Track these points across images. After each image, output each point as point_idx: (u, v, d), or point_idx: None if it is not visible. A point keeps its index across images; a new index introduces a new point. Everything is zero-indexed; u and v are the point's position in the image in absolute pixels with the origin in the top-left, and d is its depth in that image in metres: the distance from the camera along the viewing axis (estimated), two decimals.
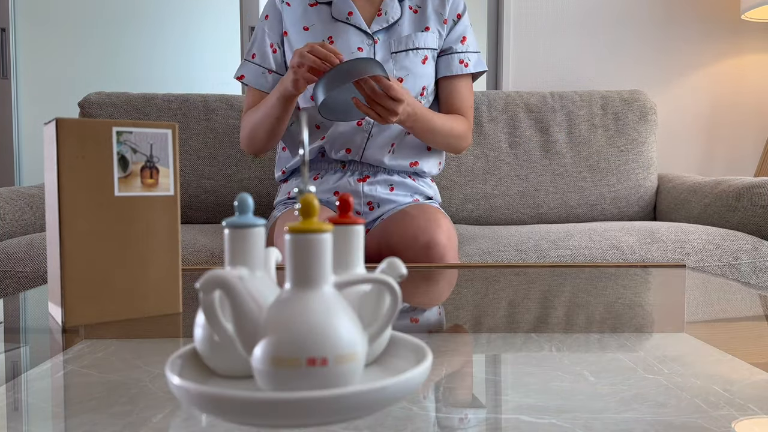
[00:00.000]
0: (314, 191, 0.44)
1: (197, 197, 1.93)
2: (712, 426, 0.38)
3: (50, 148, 0.64)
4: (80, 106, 1.96)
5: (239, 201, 0.43)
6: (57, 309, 0.66)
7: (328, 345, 0.35)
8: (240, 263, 0.42)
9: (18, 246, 1.39)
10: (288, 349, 0.35)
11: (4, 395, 0.44)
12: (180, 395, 0.35)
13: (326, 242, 0.37)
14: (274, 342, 0.35)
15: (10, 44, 2.48)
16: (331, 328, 0.36)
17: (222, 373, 0.43)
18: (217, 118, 1.96)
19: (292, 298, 0.37)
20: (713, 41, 2.36)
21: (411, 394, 0.39)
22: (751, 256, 1.46)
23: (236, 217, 0.43)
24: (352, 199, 0.46)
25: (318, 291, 0.37)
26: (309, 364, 0.35)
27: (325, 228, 0.37)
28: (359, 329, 0.38)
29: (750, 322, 0.67)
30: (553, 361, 0.51)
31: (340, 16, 1.36)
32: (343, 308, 0.37)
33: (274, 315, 0.36)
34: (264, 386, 0.36)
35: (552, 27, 2.34)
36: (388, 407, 0.38)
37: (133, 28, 2.60)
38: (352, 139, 1.36)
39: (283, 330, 0.36)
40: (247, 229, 0.42)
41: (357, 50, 1.34)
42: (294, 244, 0.37)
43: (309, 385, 0.35)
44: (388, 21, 1.36)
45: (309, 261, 0.37)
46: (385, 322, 0.40)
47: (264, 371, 0.36)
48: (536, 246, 1.44)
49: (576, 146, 2.00)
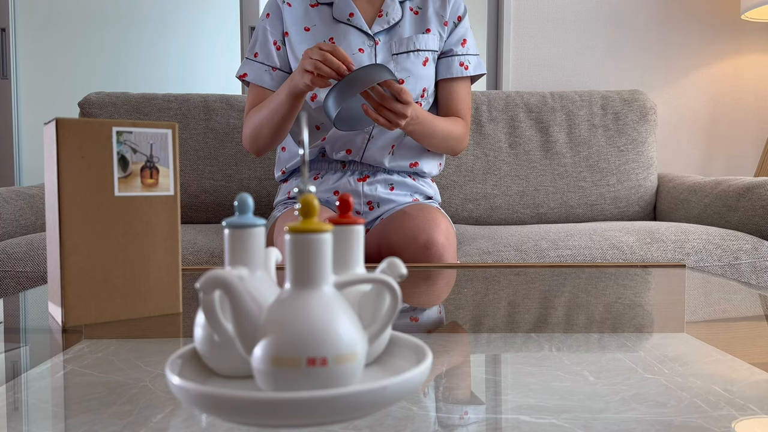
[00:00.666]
0: (314, 191, 0.44)
1: (197, 197, 1.93)
2: (712, 426, 0.38)
3: (50, 148, 0.64)
4: (80, 106, 1.96)
5: (239, 201, 0.43)
6: (57, 309, 0.66)
7: (328, 345, 0.35)
8: (240, 263, 0.42)
9: (18, 246, 1.39)
10: (288, 349, 0.35)
11: (4, 395, 0.44)
12: (180, 395, 0.35)
13: (326, 242, 0.37)
14: (273, 342, 0.35)
15: (10, 44, 2.48)
16: (330, 328, 0.36)
17: (222, 373, 0.43)
18: (217, 118, 1.96)
19: (292, 297, 0.37)
20: (713, 41, 2.36)
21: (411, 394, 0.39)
22: (751, 256, 1.46)
23: (236, 217, 0.43)
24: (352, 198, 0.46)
25: (318, 291, 0.37)
26: (309, 364, 0.35)
27: (325, 228, 0.37)
28: (359, 329, 0.38)
29: (750, 322, 0.67)
30: (553, 361, 0.51)
31: (341, 17, 1.36)
32: (343, 308, 0.37)
33: (273, 315, 0.36)
34: (264, 386, 0.36)
35: (552, 27, 2.34)
36: (388, 407, 0.38)
37: (133, 28, 2.60)
38: (353, 141, 1.36)
39: (282, 330, 0.36)
40: (247, 229, 0.42)
41: (358, 51, 1.33)
42: (294, 244, 0.37)
43: (309, 385, 0.35)
44: (389, 22, 1.36)
45: (309, 261, 0.37)
46: (385, 322, 0.40)
47: (264, 371, 0.36)
48: (536, 246, 1.44)
49: (576, 146, 2.00)
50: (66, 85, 2.56)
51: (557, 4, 2.34)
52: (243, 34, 2.42)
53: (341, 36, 1.35)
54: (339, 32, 1.35)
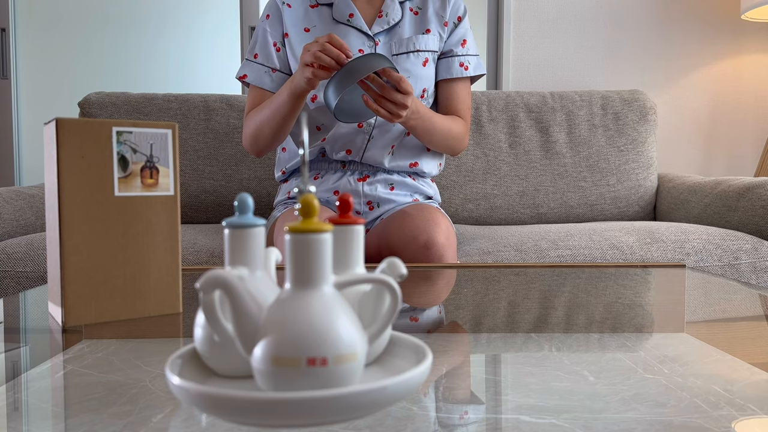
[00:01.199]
0: (314, 191, 0.44)
1: (197, 197, 1.93)
2: (712, 426, 0.38)
3: (50, 148, 0.64)
4: (80, 106, 1.96)
5: (239, 201, 0.43)
6: (57, 309, 0.66)
7: (328, 345, 0.35)
8: (240, 263, 0.42)
9: (18, 246, 1.39)
10: (288, 349, 0.35)
11: (4, 395, 0.44)
12: (180, 395, 0.35)
13: (326, 242, 0.37)
14: (273, 342, 0.35)
15: (10, 44, 2.48)
16: (330, 328, 0.36)
17: (222, 373, 0.43)
18: (217, 118, 1.96)
19: (292, 297, 0.37)
20: (713, 41, 2.36)
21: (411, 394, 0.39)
22: (751, 256, 1.46)
23: (236, 217, 0.43)
24: (352, 198, 0.45)
25: (318, 291, 0.37)
26: (309, 364, 0.35)
27: (325, 228, 0.37)
28: (359, 329, 0.38)
29: (750, 322, 0.67)
30: (553, 361, 0.51)
31: (341, 18, 1.36)
32: (343, 308, 0.37)
33: (273, 315, 0.36)
34: (264, 386, 0.36)
35: (552, 27, 2.34)
36: (388, 407, 0.38)
37: (133, 28, 2.60)
38: (353, 141, 1.36)
39: (282, 330, 0.35)
40: (247, 229, 0.42)
41: (358, 52, 1.34)
42: (294, 244, 0.37)
43: (309, 385, 0.35)
44: (389, 23, 1.37)
45: (309, 261, 0.37)
46: (384, 322, 0.40)
47: (264, 371, 0.36)
48: (536, 246, 1.44)
49: (576, 146, 2.00)
50: (66, 85, 2.56)
51: (557, 4, 2.34)
52: (243, 35, 2.42)
53: (341, 36, 1.35)
54: (339, 33, 1.36)
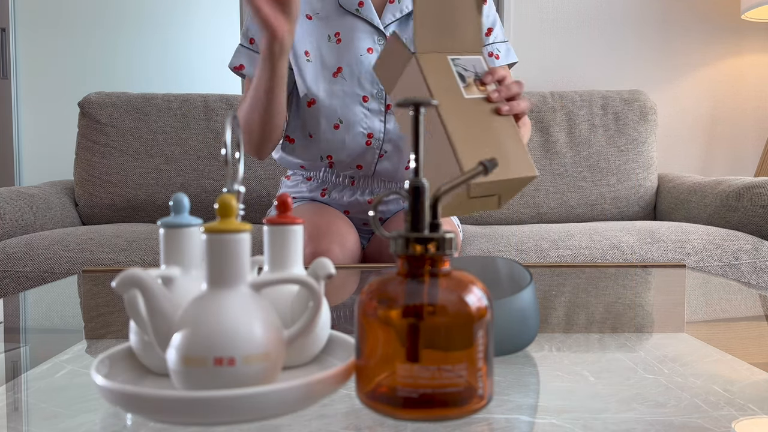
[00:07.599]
0: (243, 191, 0.44)
1: (197, 197, 1.93)
2: (712, 426, 0.38)
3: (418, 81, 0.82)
4: (80, 106, 1.96)
5: (174, 201, 0.43)
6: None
7: (237, 345, 0.35)
8: (174, 263, 0.42)
9: (18, 246, 1.39)
10: (195, 349, 0.35)
11: (4, 395, 0.44)
12: (102, 394, 0.36)
13: (242, 242, 0.37)
14: (183, 341, 0.36)
15: (10, 44, 2.48)
16: (240, 329, 0.36)
17: (156, 370, 0.42)
18: (217, 118, 1.96)
19: (206, 297, 0.37)
20: (713, 41, 2.36)
21: (331, 394, 0.39)
22: (751, 256, 1.46)
23: (171, 217, 0.43)
24: (290, 199, 0.45)
25: (233, 291, 0.37)
26: (216, 363, 0.35)
27: (241, 228, 0.37)
28: (276, 329, 0.37)
29: (750, 322, 0.67)
30: (553, 361, 0.51)
31: (349, 7, 1.20)
32: (259, 308, 0.37)
33: (187, 314, 0.37)
34: (177, 385, 0.37)
35: (552, 27, 2.34)
36: (310, 406, 0.38)
37: (133, 28, 2.60)
38: (363, 157, 1.23)
39: (192, 329, 0.36)
40: (181, 228, 0.42)
41: (367, 52, 1.19)
42: (210, 244, 0.37)
43: (217, 384, 0.35)
44: (401, 11, 1.20)
45: (224, 261, 0.37)
46: (305, 322, 0.39)
47: (175, 370, 0.36)
48: (536, 246, 1.44)
49: (576, 146, 2.00)
50: (66, 85, 2.56)
51: (557, 4, 2.34)
52: None
53: (348, 31, 1.22)
54: (345, 26, 1.21)
